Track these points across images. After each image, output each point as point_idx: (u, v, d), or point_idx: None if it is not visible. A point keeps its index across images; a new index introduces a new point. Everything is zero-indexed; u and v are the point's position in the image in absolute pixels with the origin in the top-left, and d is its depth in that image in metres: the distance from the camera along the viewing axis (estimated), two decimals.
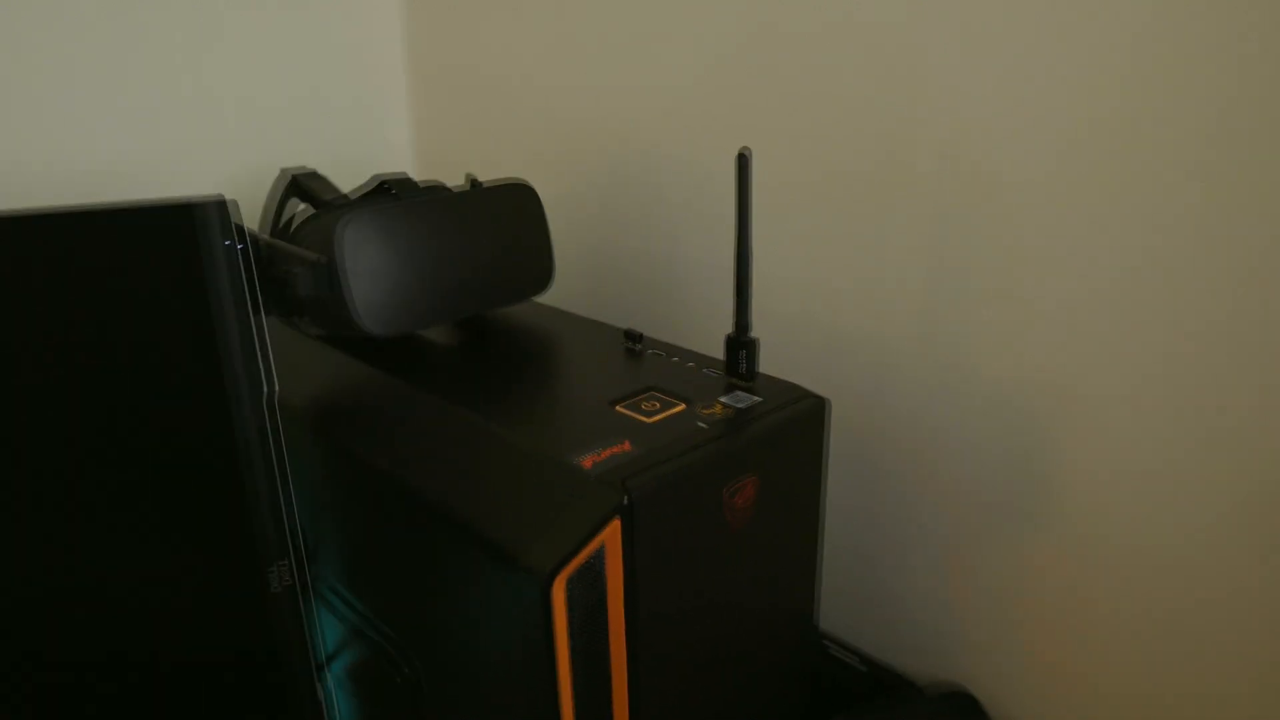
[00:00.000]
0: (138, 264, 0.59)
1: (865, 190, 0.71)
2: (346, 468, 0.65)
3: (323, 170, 1.03)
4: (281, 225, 0.73)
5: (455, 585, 0.57)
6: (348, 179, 0.96)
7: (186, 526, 0.63)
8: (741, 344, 0.63)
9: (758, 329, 0.80)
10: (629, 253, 0.90)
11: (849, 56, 0.68)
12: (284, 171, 0.83)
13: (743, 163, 0.59)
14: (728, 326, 0.64)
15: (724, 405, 0.60)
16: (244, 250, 0.61)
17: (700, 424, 0.57)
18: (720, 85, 0.78)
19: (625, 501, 0.50)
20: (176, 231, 0.59)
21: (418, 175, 1.17)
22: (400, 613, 0.65)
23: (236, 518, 0.63)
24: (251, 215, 0.90)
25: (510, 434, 0.57)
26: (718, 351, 0.70)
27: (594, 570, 0.50)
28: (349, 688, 0.77)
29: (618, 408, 0.60)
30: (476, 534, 0.53)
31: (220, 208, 0.60)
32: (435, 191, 0.71)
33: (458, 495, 0.55)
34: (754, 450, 0.58)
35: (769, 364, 0.80)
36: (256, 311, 0.62)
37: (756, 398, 0.61)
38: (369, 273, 0.65)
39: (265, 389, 0.63)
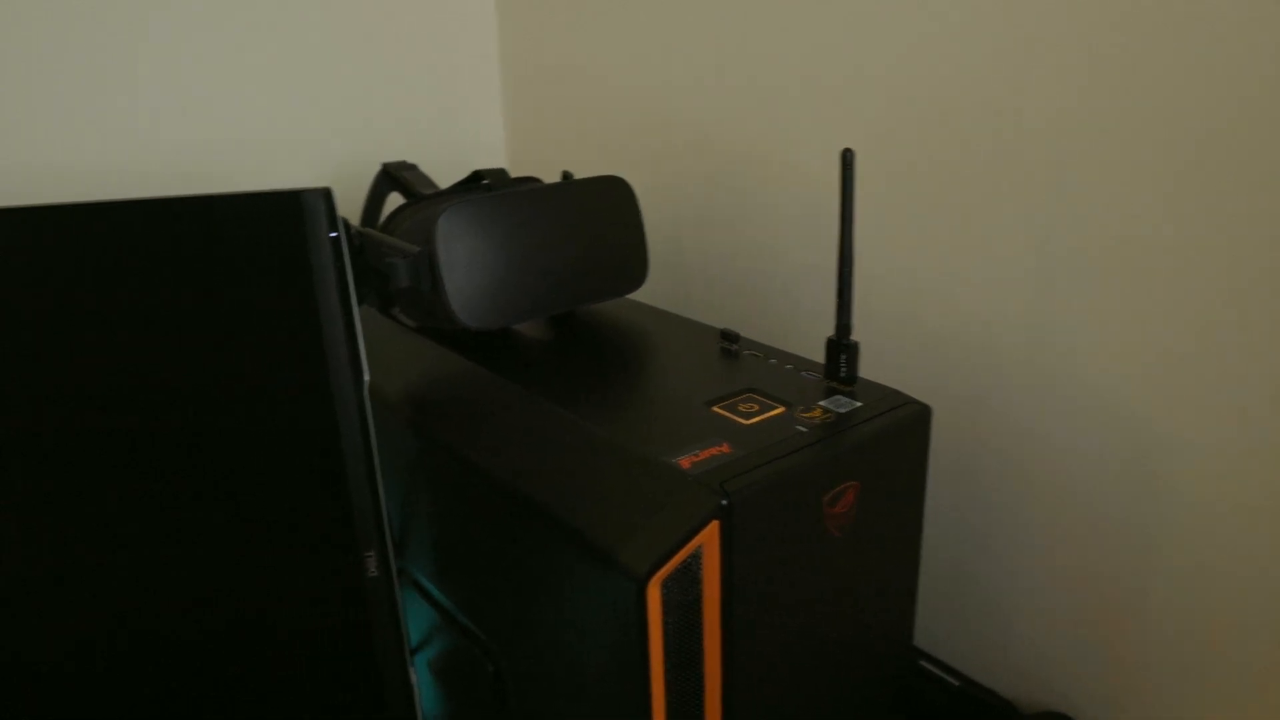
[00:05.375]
0: (246, 251, 0.60)
1: (971, 187, 0.68)
2: (438, 459, 0.65)
3: None
4: (378, 218, 0.73)
5: (546, 581, 0.56)
6: (438, 176, 0.97)
7: (287, 510, 0.64)
8: (843, 347, 0.61)
9: (855, 330, 0.79)
10: (723, 251, 0.89)
11: (950, 47, 0.66)
12: (383, 165, 0.84)
13: (846, 162, 0.58)
14: (823, 328, 0.62)
15: (824, 410, 0.59)
16: (345, 240, 0.61)
17: (800, 428, 0.56)
18: (819, 80, 0.76)
19: (725, 504, 0.49)
20: (284, 220, 0.60)
21: (509, 172, 1.17)
22: (487, 605, 0.65)
23: (336, 503, 0.64)
24: (342, 209, 0.91)
25: (605, 432, 0.57)
26: (814, 354, 0.68)
27: (690, 572, 0.49)
28: (432, 676, 0.77)
29: (715, 408, 0.59)
30: (571, 531, 0.52)
31: (326, 198, 0.60)
32: (530, 185, 0.70)
33: (552, 491, 0.55)
34: (855, 457, 0.56)
35: (866, 367, 0.78)
36: (354, 301, 0.62)
37: (857, 403, 0.60)
38: (465, 265, 0.65)
39: (362, 378, 0.63)
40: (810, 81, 0.77)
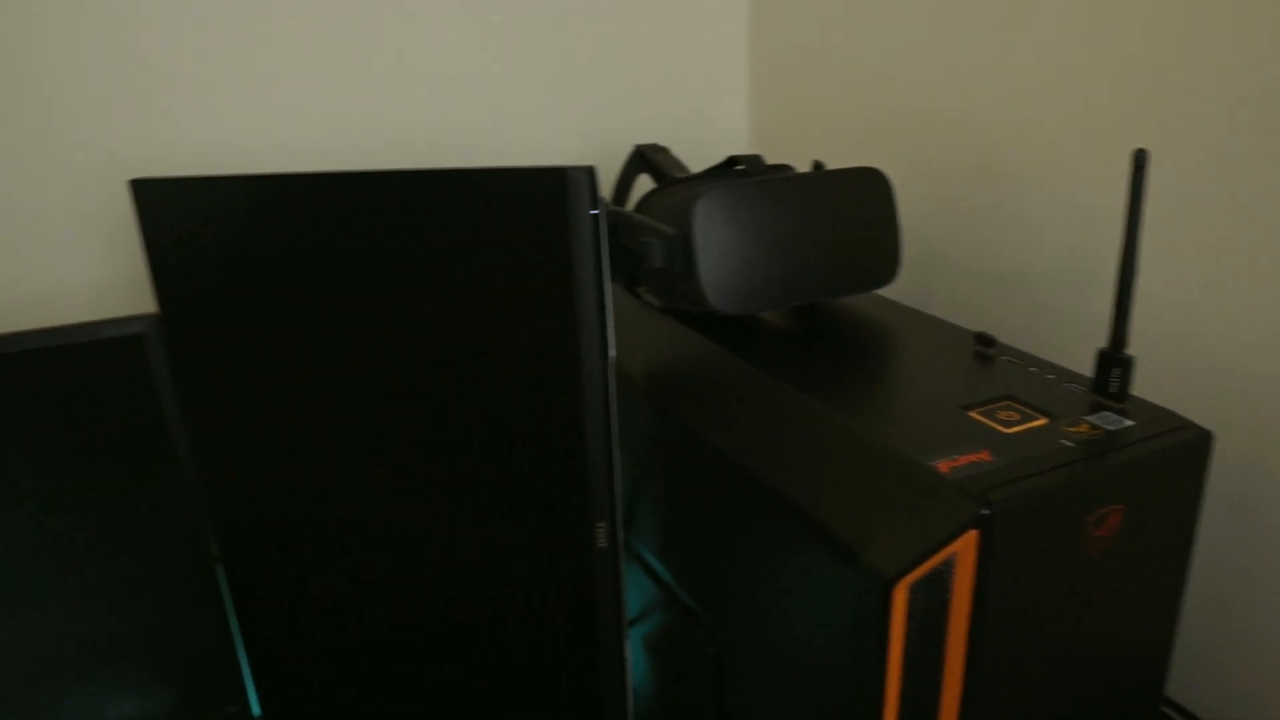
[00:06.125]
0: (509, 223, 0.62)
1: (1273, 192, 0.62)
2: (677, 438, 0.65)
3: None
4: (626, 197, 0.75)
5: (782, 572, 0.56)
6: (682, 158, 0.98)
7: (527, 476, 0.66)
8: (1116, 361, 0.57)
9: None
10: (975, 249, 0.85)
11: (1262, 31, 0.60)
12: (636, 147, 0.86)
13: (1139, 164, 0.54)
14: (1088, 338, 0.58)
15: (1091, 425, 0.55)
16: (603, 218, 0.63)
17: (1065, 442, 0.53)
18: (1098, 74, 0.71)
19: (985, 514, 0.47)
20: (548, 195, 0.62)
21: None
22: (712, 587, 0.65)
23: (574, 474, 0.66)
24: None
25: (857, 427, 0.56)
26: (1074, 364, 0.64)
27: (941, 580, 0.48)
28: (646, 651, 0.78)
29: (971, 413, 0.56)
30: (817, 524, 0.51)
31: (590, 176, 0.62)
32: (785, 172, 0.70)
33: (799, 482, 0.54)
34: (1124, 478, 0.52)
35: (1136, 384, 0.73)
36: (607, 278, 0.64)
37: (1128, 421, 0.55)
38: (720, 249, 0.65)
39: (608, 353, 0.65)
40: (1086, 74, 0.72)
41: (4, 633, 0.71)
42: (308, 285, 0.65)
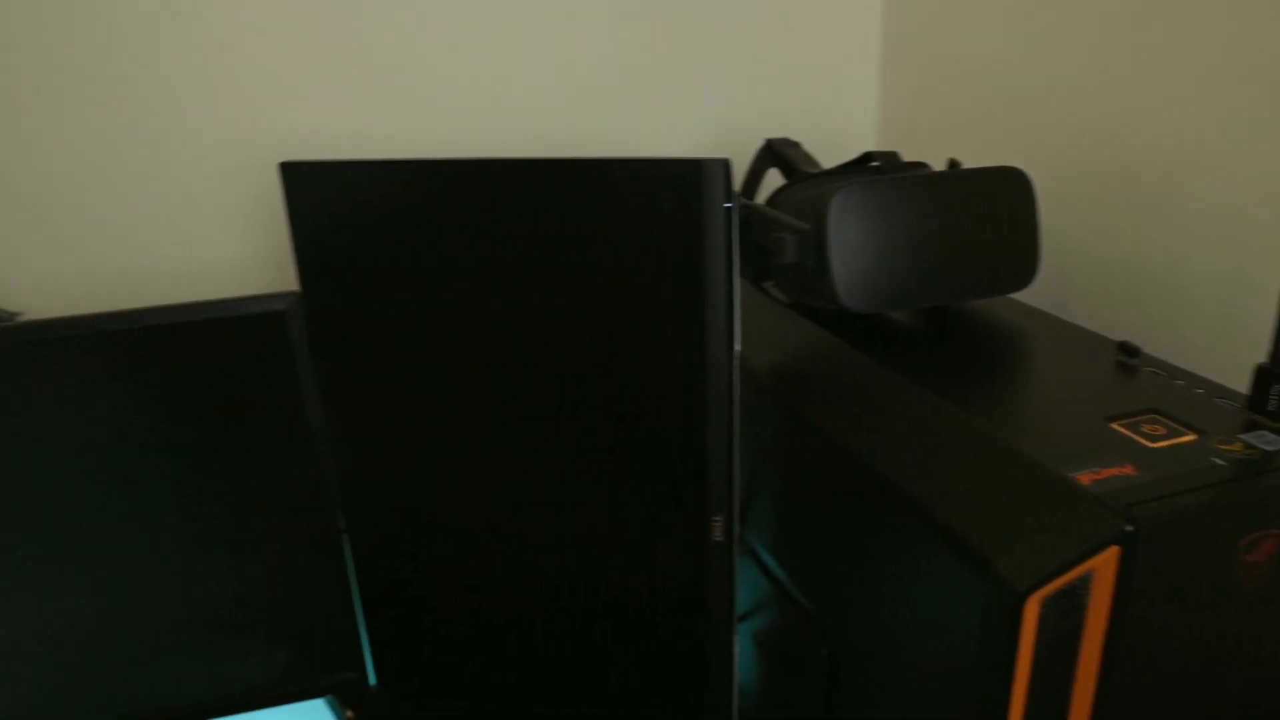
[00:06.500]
0: (643, 212, 0.62)
1: None
2: (801, 434, 0.65)
3: None
4: (755, 191, 0.74)
5: (906, 576, 0.55)
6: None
7: (647, 466, 0.67)
8: (1277, 377, 0.54)
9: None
10: (1119, 255, 0.82)
11: None
12: (767, 141, 0.85)
13: None
14: (1241, 353, 0.55)
15: (1246, 444, 0.52)
16: (735, 211, 0.62)
17: (1216, 460, 0.50)
18: (1262, 72, 0.67)
19: (1129, 530, 0.45)
20: (683, 187, 0.62)
21: None
22: (830, 588, 0.65)
23: (695, 466, 0.66)
24: None
25: (992, 432, 0.54)
26: (1223, 379, 0.61)
27: (1076, 596, 0.46)
28: (754, 646, 0.78)
29: (1114, 425, 0.54)
30: (947, 530, 0.50)
31: (725, 168, 0.62)
32: (922, 170, 0.68)
33: (929, 486, 0.53)
34: None
35: None
36: (736, 272, 0.63)
37: None
38: (855, 246, 0.64)
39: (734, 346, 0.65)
40: (1248, 73, 0.68)
41: (143, 595, 0.76)
42: (444, 269, 0.67)
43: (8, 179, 0.88)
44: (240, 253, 0.96)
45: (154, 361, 0.71)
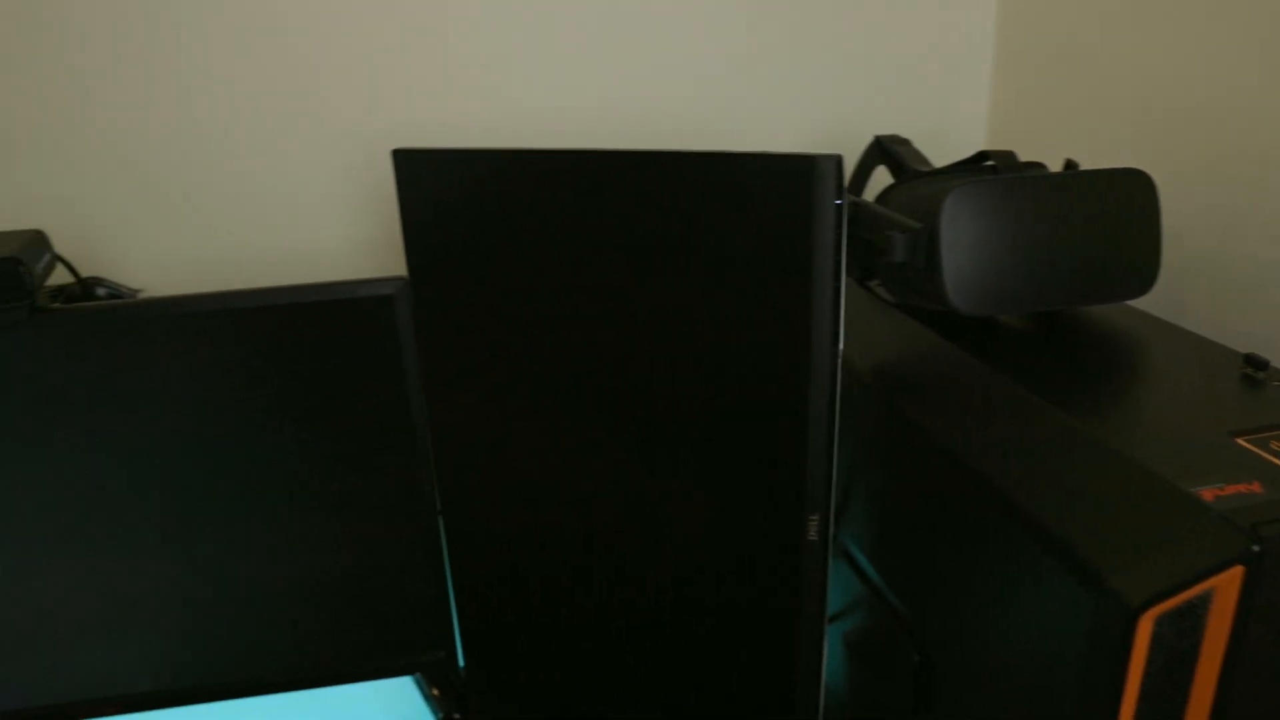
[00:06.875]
0: (753, 207, 0.62)
1: None
2: (904, 436, 0.64)
3: None
4: (863, 187, 0.73)
5: (1010, 586, 0.54)
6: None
7: (746, 463, 0.67)
8: None
9: None
10: (1245, 264, 0.78)
11: None
12: (876, 137, 0.84)
13: None
14: None
15: None
16: (845, 209, 0.62)
17: None
18: None
19: (1255, 550, 0.43)
20: (794, 183, 0.62)
21: None
22: (926, 593, 0.64)
23: (793, 465, 0.66)
24: None
25: (1109, 442, 0.52)
26: None
27: (1194, 615, 0.44)
28: (844, 648, 0.78)
29: (1239, 440, 0.52)
30: (1058, 540, 0.49)
31: (837, 165, 0.61)
32: (1039, 171, 0.66)
33: (1040, 494, 0.52)
34: None
35: None
36: (843, 269, 0.63)
37: None
38: (968, 247, 0.63)
39: (838, 345, 0.64)
40: None
41: (244, 566, 0.79)
42: (550, 259, 0.68)
43: (134, 165, 0.93)
44: (352, 237, 0.99)
45: (264, 340, 0.73)
